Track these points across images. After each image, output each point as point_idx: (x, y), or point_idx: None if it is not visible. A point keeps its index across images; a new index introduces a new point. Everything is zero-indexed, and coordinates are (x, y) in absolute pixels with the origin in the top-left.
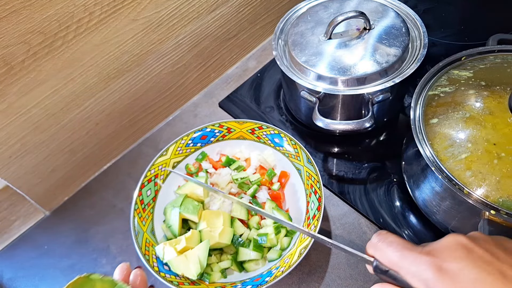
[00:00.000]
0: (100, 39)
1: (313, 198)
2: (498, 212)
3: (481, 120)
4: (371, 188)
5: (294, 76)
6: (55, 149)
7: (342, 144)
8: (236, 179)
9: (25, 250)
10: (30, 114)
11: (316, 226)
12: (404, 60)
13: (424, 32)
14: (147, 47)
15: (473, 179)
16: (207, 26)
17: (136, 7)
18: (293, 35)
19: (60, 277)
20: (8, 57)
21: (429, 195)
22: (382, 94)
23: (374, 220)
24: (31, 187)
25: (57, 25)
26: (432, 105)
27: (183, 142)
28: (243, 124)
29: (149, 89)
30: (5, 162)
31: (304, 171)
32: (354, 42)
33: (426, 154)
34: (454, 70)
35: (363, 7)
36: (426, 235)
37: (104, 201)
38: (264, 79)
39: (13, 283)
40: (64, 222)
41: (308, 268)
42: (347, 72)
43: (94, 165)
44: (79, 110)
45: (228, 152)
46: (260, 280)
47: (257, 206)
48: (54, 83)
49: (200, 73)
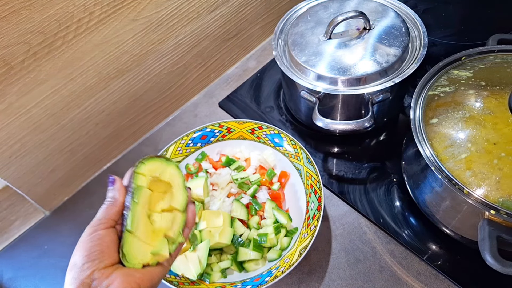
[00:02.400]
0: (100, 39)
1: (313, 198)
2: (498, 212)
3: (481, 120)
4: (371, 188)
5: (294, 76)
6: (55, 149)
7: (342, 144)
8: (236, 179)
9: (25, 250)
10: (30, 114)
11: (316, 226)
12: (404, 60)
13: (424, 32)
14: (147, 47)
15: (473, 179)
16: (207, 26)
17: (136, 7)
18: (293, 35)
19: (60, 277)
20: (8, 57)
21: (429, 195)
22: (382, 94)
23: (374, 220)
24: (31, 187)
25: (57, 25)
26: (432, 105)
27: (183, 142)
28: (243, 124)
29: (149, 89)
30: (5, 162)
31: (304, 171)
32: (354, 42)
33: (426, 154)
34: (454, 70)
35: (363, 7)
36: (426, 235)
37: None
38: (264, 79)
39: (13, 283)
40: (64, 222)
41: (308, 268)
42: (347, 72)
43: (94, 165)
44: (79, 110)
45: (228, 152)
46: (260, 280)
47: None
48: (54, 83)
49: (200, 73)
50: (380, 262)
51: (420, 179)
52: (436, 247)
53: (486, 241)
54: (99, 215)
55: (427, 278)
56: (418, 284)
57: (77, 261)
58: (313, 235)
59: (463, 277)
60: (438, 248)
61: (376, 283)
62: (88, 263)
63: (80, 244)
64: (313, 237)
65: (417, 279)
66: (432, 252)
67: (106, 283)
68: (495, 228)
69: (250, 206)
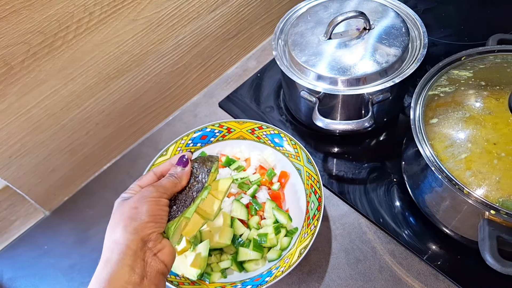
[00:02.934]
0: (100, 39)
1: (313, 198)
2: (498, 212)
3: (481, 120)
4: (371, 188)
5: (294, 76)
6: (55, 149)
7: (342, 144)
8: (236, 179)
9: (25, 250)
10: (30, 114)
11: (316, 226)
12: (404, 60)
13: (424, 32)
14: (147, 47)
15: (473, 179)
16: (207, 26)
17: (136, 7)
18: (293, 35)
19: (60, 277)
20: (8, 57)
21: (429, 195)
22: (382, 94)
23: (374, 220)
24: (31, 187)
25: (57, 25)
26: (432, 105)
27: (183, 142)
28: (243, 124)
29: (149, 89)
30: (5, 162)
31: (304, 171)
32: (354, 42)
33: (426, 154)
34: (454, 70)
35: (363, 7)
36: (426, 235)
37: (104, 201)
38: (264, 79)
39: (13, 283)
40: (64, 222)
41: (308, 268)
42: (347, 72)
43: (94, 165)
44: (79, 110)
45: (228, 152)
46: (260, 280)
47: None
48: (54, 83)
49: (200, 73)
50: (380, 262)
51: (420, 179)
52: (436, 247)
53: (486, 241)
54: (165, 184)
55: (427, 278)
56: (418, 284)
57: (141, 215)
58: (313, 235)
59: (463, 277)
60: (438, 248)
61: (376, 283)
62: (152, 223)
63: (144, 200)
64: (313, 237)
65: (417, 279)
66: (432, 252)
67: (159, 247)
68: (495, 228)
69: (250, 206)
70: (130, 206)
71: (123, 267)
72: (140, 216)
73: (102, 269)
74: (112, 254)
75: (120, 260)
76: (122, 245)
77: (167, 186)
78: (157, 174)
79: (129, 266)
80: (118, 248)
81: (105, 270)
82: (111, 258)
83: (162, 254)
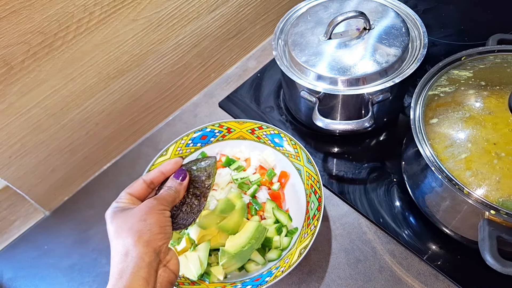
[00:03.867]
0: (100, 39)
1: (313, 198)
2: (498, 212)
3: (481, 120)
4: (371, 188)
5: (294, 76)
6: (55, 149)
7: (342, 144)
8: (236, 179)
9: (25, 250)
10: (30, 114)
11: (316, 226)
12: (404, 60)
13: (424, 32)
14: (147, 47)
15: (473, 179)
16: (207, 26)
17: (136, 7)
18: (293, 35)
19: (60, 277)
20: (8, 57)
21: (429, 195)
22: (382, 94)
23: (374, 220)
24: (31, 187)
25: (57, 25)
26: (432, 105)
27: (183, 142)
28: (243, 124)
29: (149, 89)
30: (5, 162)
31: (304, 171)
32: (354, 42)
33: (426, 154)
34: (454, 70)
35: (363, 7)
36: (426, 235)
37: (104, 201)
38: (264, 79)
39: (13, 283)
40: (64, 222)
41: (308, 268)
42: (347, 72)
43: (94, 165)
44: (79, 110)
45: (228, 152)
46: (260, 280)
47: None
48: (54, 83)
49: (200, 73)
50: (380, 262)
51: (420, 179)
52: (436, 247)
53: (486, 241)
54: (166, 197)
55: (427, 278)
56: (418, 284)
57: (152, 227)
58: (313, 235)
59: (463, 277)
60: (438, 248)
61: (376, 283)
62: (162, 234)
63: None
64: (313, 237)
65: (417, 279)
66: (432, 252)
67: (168, 258)
68: (495, 228)
69: (250, 206)
70: (138, 218)
71: (138, 280)
72: (151, 228)
73: (117, 281)
74: (126, 266)
75: (135, 273)
76: (136, 258)
77: (168, 200)
78: (147, 181)
79: (144, 279)
80: (132, 261)
81: (120, 282)
82: (125, 271)
83: (171, 264)
